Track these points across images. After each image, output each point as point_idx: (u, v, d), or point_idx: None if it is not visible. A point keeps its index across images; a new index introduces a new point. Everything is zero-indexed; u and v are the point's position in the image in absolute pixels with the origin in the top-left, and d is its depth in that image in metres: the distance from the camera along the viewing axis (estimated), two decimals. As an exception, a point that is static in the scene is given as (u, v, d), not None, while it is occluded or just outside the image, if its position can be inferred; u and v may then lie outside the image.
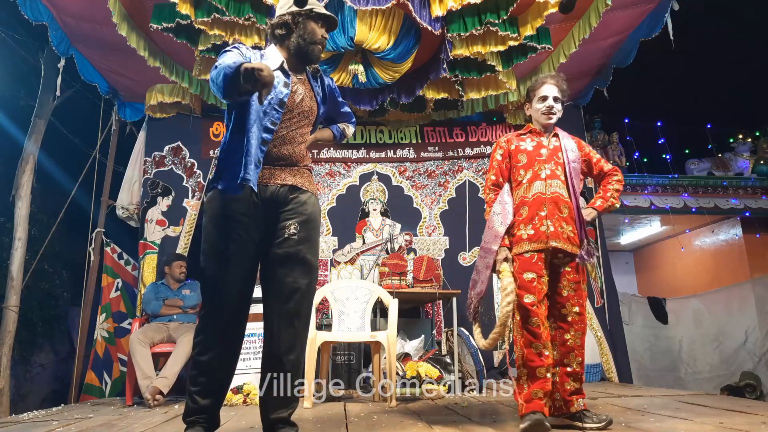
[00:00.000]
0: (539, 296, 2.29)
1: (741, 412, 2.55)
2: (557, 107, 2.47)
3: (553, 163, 2.43)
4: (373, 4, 3.67)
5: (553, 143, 2.49)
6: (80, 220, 5.52)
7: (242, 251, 1.94)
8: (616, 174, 2.56)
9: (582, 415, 2.28)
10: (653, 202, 6.99)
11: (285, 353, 1.95)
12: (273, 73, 1.71)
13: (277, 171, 2.01)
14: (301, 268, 1.99)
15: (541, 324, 2.27)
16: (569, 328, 2.34)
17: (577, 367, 2.34)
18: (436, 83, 4.87)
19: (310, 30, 2.06)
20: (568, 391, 2.32)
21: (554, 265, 2.39)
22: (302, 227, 2.00)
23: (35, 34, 4.81)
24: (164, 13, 3.99)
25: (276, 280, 1.99)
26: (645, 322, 7.02)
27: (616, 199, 2.53)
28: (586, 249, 2.36)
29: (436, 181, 5.57)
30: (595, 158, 2.59)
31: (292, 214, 2.00)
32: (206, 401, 1.92)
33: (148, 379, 3.68)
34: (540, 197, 2.38)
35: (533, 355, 2.25)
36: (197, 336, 1.96)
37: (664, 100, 8.65)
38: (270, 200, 1.98)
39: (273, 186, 1.99)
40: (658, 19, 4.22)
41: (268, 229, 2.00)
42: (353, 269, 4.68)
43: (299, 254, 1.98)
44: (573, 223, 2.38)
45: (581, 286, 2.39)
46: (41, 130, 5.15)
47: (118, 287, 5.22)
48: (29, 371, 6.54)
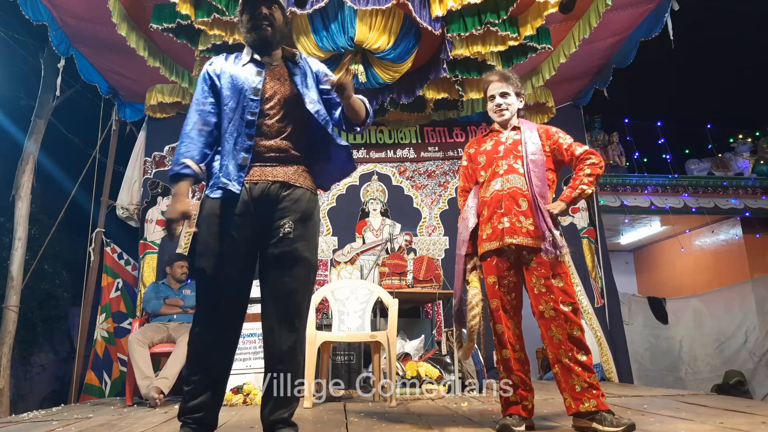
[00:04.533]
0: (503, 300, 2.32)
1: (741, 412, 2.55)
2: (506, 101, 2.46)
3: (512, 158, 2.39)
4: (373, 4, 3.67)
5: (513, 137, 2.45)
6: (80, 220, 5.52)
7: (235, 251, 1.91)
8: (590, 157, 2.32)
9: (598, 416, 2.09)
10: (653, 202, 6.99)
11: (286, 353, 1.93)
12: (186, 209, 1.87)
13: (268, 167, 1.97)
14: (298, 266, 1.94)
15: (506, 329, 2.30)
16: (549, 325, 2.24)
17: (570, 362, 2.17)
18: (436, 83, 4.87)
19: (246, 18, 2.05)
20: (572, 388, 2.17)
21: (521, 264, 2.34)
22: (297, 225, 1.94)
23: (35, 34, 4.81)
24: (164, 13, 3.99)
25: (273, 280, 1.95)
26: (645, 322, 7.03)
27: (589, 184, 2.27)
28: (549, 241, 2.20)
29: (436, 181, 5.57)
30: (565, 144, 2.39)
31: (286, 212, 1.94)
32: (197, 401, 1.88)
33: (147, 379, 3.68)
34: (497, 194, 2.36)
35: (503, 360, 2.32)
36: (190, 336, 1.94)
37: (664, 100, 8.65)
38: (262, 199, 1.93)
39: (264, 183, 1.94)
40: (658, 19, 4.23)
41: (262, 229, 1.95)
42: (353, 269, 4.68)
43: (295, 253, 1.93)
44: (533, 215, 2.28)
45: (552, 282, 2.23)
46: (41, 130, 5.15)
47: (118, 287, 5.22)
48: (29, 371, 6.55)
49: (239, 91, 1.99)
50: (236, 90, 1.99)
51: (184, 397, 1.90)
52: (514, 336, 2.33)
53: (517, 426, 2.20)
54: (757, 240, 7.18)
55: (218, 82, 2.03)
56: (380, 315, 4.09)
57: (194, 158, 1.93)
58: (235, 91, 1.99)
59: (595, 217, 5.43)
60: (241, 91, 1.99)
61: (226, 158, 1.95)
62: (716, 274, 7.56)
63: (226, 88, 2.01)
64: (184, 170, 1.91)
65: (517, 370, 2.30)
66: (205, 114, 2.00)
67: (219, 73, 2.04)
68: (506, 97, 2.46)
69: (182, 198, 1.89)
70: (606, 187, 6.98)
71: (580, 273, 5.13)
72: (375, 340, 3.42)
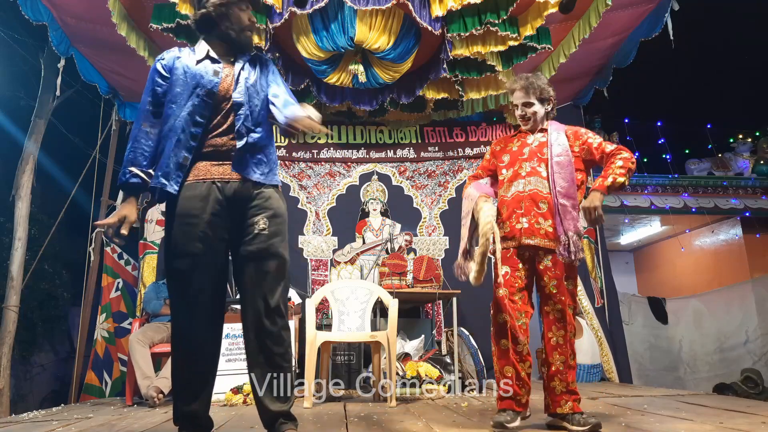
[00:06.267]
0: (512, 289, 2.34)
1: (741, 412, 2.55)
2: (531, 110, 2.51)
3: (536, 160, 2.43)
4: (373, 4, 3.67)
5: (539, 140, 2.49)
6: (80, 220, 5.53)
7: (210, 251, 1.91)
8: (621, 152, 2.33)
9: (570, 417, 2.23)
10: (653, 202, 6.99)
11: (272, 349, 1.92)
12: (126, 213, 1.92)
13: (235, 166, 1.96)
14: (274, 260, 1.94)
15: (510, 318, 2.29)
16: (551, 326, 2.32)
17: (561, 366, 2.27)
18: (436, 83, 4.87)
19: (236, 17, 2.02)
20: (554, 390, 2.29)
21: (536, 262, 2.37)
22: (271, 222, 1.95)
23: (35, 34, 4.82)
24: (164, 13, 3.99)
25: (250, 277, 1.94)
26: (645, 322, 7.02)
27: (622, 174, 2.25)
28: (564, 245, 2.27)
29: (436, 181, 5.57)
30: (595, 143, 2.42)
31: (258, 210, 1.95)
32: (189, 407, 1.89)
33: (148, 379, 3.67)
34: (518, 195, 2.41)
35: (501, 351, 2.32)
36: (172, 342, 1.94)
37: (664, 100, 8.65)
38: (233, 198, 1.93)
39: (234, 183, 1.94)
40: (658, 19, 4.22)
41: (235, 227, 1.96)
42: (353, 269, 4.69)
43: (271, 249, 1.94)
44: (552, 218, 2.34)
45: (563, 284, 2.31)
46: (41, 130, 5.15)
47: (118, 287, 5.23)
48: (29, 371, 6.55)
49: (193, 87, 1.95)
50: (189, 86, 1.95)
51: (175, 404, 1.91)
52: (517, 328, 2.30)
53: (512, 422, 2.22)
54: (757, 240, 7.18)
55: (169, 77, 2.00)
56: (380, 315, 4.09)
57: (141, 165, 1.94)
58: (187, 87, 1.95)
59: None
60: (195, 88, 1.95)
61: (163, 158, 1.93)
62: (716, 274, 7.56)
63: (178, 84, 1.97)
64: (132, 179, 1.93)
65: (514, 362, 2.29)
66: (149, 114, 2.00)
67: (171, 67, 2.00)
68: (529, 107, 2.51)
69: (128, 206, 1.95)
70: (606, 187, 6.96)
71: (581, 273, 5.09)
72: (375, 340, 3.42)
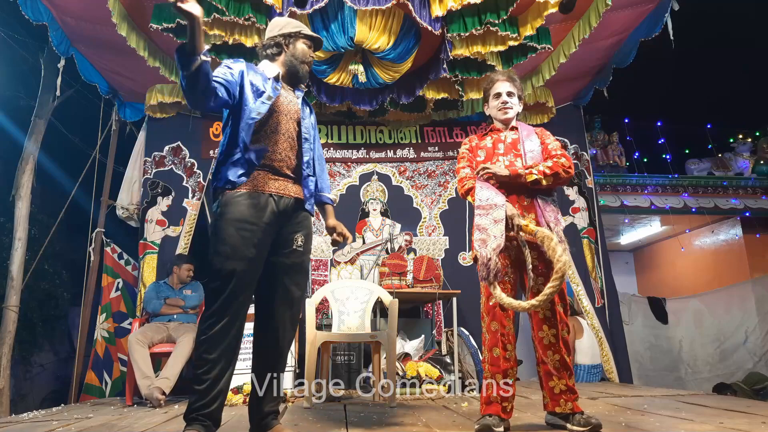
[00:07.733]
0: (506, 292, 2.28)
1: (741, 412, 2.55)
2: (512, 101, 2.53)
3: (512, 155, 2.45)
4: (373, 4, 3.67)
5: (512, 137, 2.52)
6: (80, 220, 5.52)
7: (260, 256, 2.07)
8: (561, 157, 2.37)
9: (570, 417, 2.23)
10: (653, 202, 7.00)
11: (284, 355, 2.21)
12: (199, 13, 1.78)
13: (290, 184, 2.16)
14: (303, 275, 2.22)
15: (500, 327, 2.29)
16: (542, 325, 2.29)
17: (557, 364, 2.26)
18: (436, 83, 4.87)
19: (300, 50, 2.25)
20: (552, 390, 2.28)
21: (521, 261, 2.34)
22: (306, 240, 2.21)
23: (35, 34, 4.81)
24: (164, 13, 4.00)
25: (283, 287, 2.14)
26: (645, 322, 7.03)
27: (542, 172, 2.31)
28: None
29: (436, 181, 5.57)
30: (550, 145, 2.46)
31: (299, 227, 2.18)
32: (210, 397, 1.94)
33: (147, 379, 3.68)
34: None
35: (493, 358, 2.31)
36: (203, 334, 1.98)
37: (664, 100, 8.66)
38: (283, 212, 2.12)
39: (287, 199, 2.13)
40: (658, 19, 4.23)
41: (278, 238, 2.13)
42: (353, 269, 4.69)
43: (304, 264, 2.22)
44: (533, 210, 2.35)
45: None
46: (41, 130, 5.15)
47: (118, 287, 5.22)
48: (29, 371, 6.54)
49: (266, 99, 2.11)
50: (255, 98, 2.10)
51: (195, 396, 1.95)
52: (509, 335, 2.32)
53: (497, 427, 2.21)
54: (757, 240, 7.19)
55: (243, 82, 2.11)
56: (380, 315, 4.09)
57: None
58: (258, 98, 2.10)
59: (595, 217, 5.43)
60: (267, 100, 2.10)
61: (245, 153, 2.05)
62: (716, 274, 7.56)
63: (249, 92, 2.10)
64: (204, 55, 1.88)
65: (504, 370, 2.29)
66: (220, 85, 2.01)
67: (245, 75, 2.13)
68: (512, 97, 2.54)
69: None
70: (606, 187, 6.99)
71: (580, 273, 5.13)
72: (375, 340, 3.42)
